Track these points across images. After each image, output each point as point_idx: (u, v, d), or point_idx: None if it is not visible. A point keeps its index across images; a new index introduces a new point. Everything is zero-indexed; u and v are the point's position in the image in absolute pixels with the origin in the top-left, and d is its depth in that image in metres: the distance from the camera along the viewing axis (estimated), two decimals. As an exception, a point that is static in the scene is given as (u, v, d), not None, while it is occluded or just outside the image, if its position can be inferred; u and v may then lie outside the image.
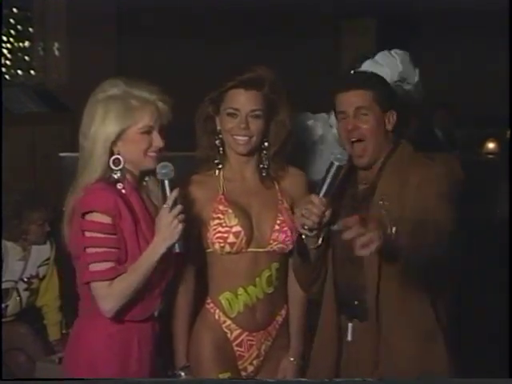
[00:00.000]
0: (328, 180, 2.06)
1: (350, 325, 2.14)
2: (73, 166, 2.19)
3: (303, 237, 2.15)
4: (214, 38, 5.49)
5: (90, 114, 2.10)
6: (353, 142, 2.13)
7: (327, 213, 2.07)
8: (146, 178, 2.20)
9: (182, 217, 2.03)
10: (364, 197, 2.14)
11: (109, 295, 2.04)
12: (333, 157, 2.06)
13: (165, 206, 2.04)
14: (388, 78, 2.41)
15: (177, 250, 2.04)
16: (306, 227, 2.06)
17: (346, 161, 2.08)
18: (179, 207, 2.03)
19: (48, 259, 3.69)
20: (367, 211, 2.04)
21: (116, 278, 2.04)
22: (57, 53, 5.31)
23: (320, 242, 2.14)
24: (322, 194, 2.05)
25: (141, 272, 2.04)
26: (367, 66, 2.55)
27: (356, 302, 2.13)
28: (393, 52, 2.63)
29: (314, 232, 2.10)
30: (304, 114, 2.69)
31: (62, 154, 3.88)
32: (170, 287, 2.19)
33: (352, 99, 2.12)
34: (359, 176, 2.19)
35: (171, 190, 2.05)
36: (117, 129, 2.08)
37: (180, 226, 2.02)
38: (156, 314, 2.17)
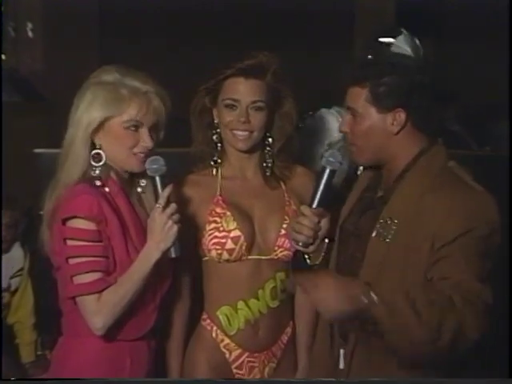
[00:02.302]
0: (321, 187, 2.08)
1: (341, 351, 2.12)
2: (50, 164, 2.22)
3: (305, 255, 2.15)
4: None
5: (78, 100, 2.15)
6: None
7: (323, 223, 2.09)
8: (138, 178, 2.22)
9: (176, 217, 2.07)
10: (376, 207, 2.10)
11: (99, 311, 2.06)
12: (324, 160, 2.08)
13: (157, 205, 2.07)
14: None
15: (172, 254, 2.08)
16: (300, 243, 2.09)
17: (340, 163, 2.08)
18: (173, 206, 2.07)
19: (21, 270, 3.73)
20: (372, 224, 2.03)
21: (105, 290, 2.06)
22: (30, 34, 5.34)
23: (321, 258, 2.15)
24: (314, 205, 2.07)
25: (134, 282, 2.07)
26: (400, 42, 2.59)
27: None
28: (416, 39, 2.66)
29: (311, 247, 2.11)
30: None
31: (37, 151, 3.92)
32: (164, 302, 2.22)
33: (348, 97, 2.10)
34: (382, 181, 2.15)
35: (163, 187, 2.09)
36: (100, 115, 2.11)
37: (175, 228, 2.06)
38: (151, 331, 2.20)
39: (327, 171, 2.07)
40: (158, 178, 2.10)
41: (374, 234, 2.02)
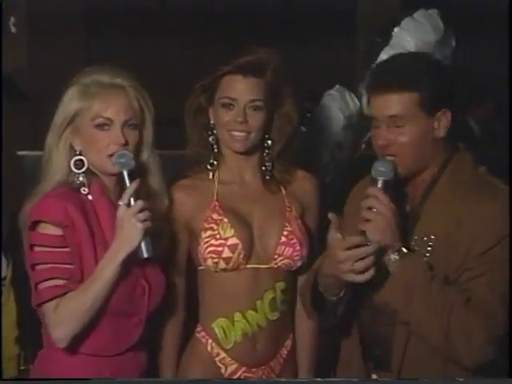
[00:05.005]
0: None
1: (373, 376, 2.15)
2: (34, 167, 2.23)
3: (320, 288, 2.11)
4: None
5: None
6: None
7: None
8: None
9: (143, 215, 2.04)
10: (406, 223, 2.06)
11: (57, 320, 2.04)
12: (373, 172, 2.01)
13: (119, 202, 2.05)
14: (430, 37, 2.47)
15: (144, 255, 2.05)
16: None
17: (393, 171, 2.00)
18: (139, 203, 2.04)
19: (4, 279, 3.71)
20: (408, 243, 2.02)
21: (63, 297, 2.04)
22: (13, 29, 5.34)
23: (342, 292, 2.07)
24: None
25: (96, 287, 2.04)
26: (407, 25, 2.63)
27: (379, 352, 2.12)
28: (430, 11, 2.72)
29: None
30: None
31: (20, 153, 3.93)
32: (154, 314, 2.21)
33: (387, 104, 2.02)
34: (407, 193, 2.13)
35: (131, 182, 2.07)
36: (70, 109, 2.12)
37: (139, 226, 2.02)
38: (138, 345, 2.19)
39: (380, 183, 2.01)
40: (125, 173, 2.08)
41: None
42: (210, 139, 2.34)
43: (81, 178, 2.13)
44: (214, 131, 2.34)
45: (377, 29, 3.06)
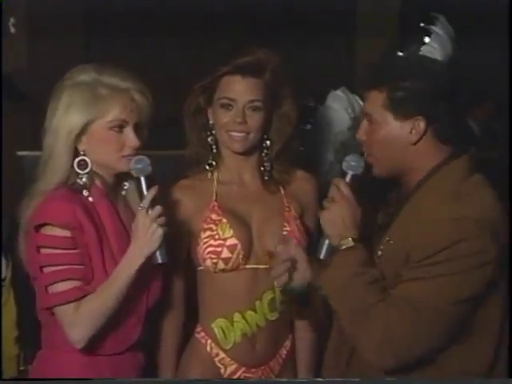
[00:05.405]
0: None
1: None
2: (34, 167, 2.23)
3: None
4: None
5: (54, 104, 2.14)
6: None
7: None
8: (125, 183, 2.24)
9: (162, 220, 2.06)
10: (385, 224, 2.09)
11: (77, 322, 2.06)
12: (345, 164, 2.06)
13: (140, 206, 2.07)
14: (449, 49, 2.53)
15: (158, 260, 2.07)
16: None
17: (363, 167, 2.05)
18: (158, 208, 2.06)
19: (3, 280, 3.71)
20: (378, 242, 2.04)
21: (83, 299, 2.06)
22: (13, 29, 5.34)
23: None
24: None
25: (115, 289, 2.06)
26: (433, 42, 2.66)
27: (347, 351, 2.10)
28: (442, 19, 2.77)
29: None
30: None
31: (20, 153, 3.93)
32: (152, 313, 2.22)
33: (365, 101, 2.07)
34: (400, 194, 2.12)
35: (148, 188, 2.08)
36: (81, 120, 2.10)
37: (160, 231, 2.05)
38: (136, 345, 2.20)
39: (349, 177, 2.05)
40: (142, 179, 2.10)
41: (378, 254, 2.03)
42: (209, 140, 2.35)
43: (84, 179, 2.13)
44: (213, 131, 2.34)
45: (399, 43, 3.01)
